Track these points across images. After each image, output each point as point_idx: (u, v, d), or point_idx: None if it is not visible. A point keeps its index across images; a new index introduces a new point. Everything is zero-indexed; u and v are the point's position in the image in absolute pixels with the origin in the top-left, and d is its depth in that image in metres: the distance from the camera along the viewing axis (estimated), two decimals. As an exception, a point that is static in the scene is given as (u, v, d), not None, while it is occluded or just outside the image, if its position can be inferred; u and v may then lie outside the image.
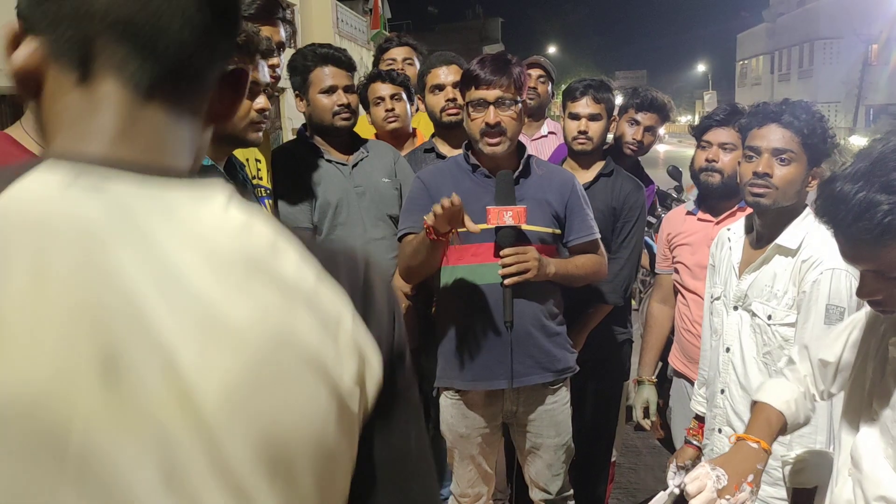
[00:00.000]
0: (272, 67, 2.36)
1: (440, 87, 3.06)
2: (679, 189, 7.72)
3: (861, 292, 1.39)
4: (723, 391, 2.23)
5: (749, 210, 2.23)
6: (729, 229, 2.35)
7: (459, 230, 2.25)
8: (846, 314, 1.90)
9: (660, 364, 3.21)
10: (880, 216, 1.24)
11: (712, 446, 2.28)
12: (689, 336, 2.82)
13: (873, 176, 1.26)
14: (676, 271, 2.92)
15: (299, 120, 2.95)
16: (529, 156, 2.56)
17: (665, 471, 3.01)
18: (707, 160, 2.74)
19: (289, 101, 2.77)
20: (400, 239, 2.52)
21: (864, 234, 1.27)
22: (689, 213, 2.91)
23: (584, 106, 2.94)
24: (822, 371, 1.69)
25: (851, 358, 1.61)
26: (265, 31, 2.34)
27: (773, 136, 2.05)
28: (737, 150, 2.60)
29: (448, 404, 2.58)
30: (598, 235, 2.58)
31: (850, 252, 1.36)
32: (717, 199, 2.77)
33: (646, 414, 3.05)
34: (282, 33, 2.45)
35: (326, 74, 2.72)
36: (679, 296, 2.91)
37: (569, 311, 2.63)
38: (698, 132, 2.83)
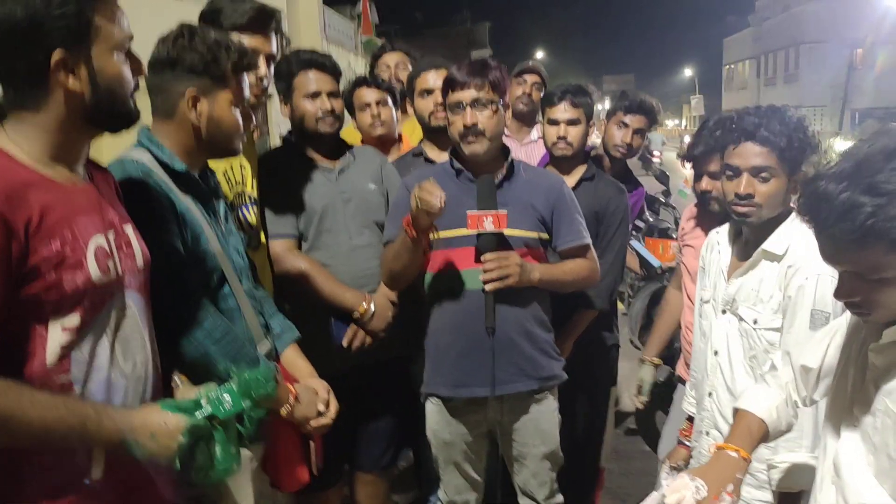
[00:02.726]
0: (259, 79, 2.36)
1: (429, 92, 3.05)
2: (667, 193, 7.76)
3: (839, 293, 1.39)
4: (710, 394, 2.23)
5: None
6: (717, 232, 2.34)
7: (440, 234, 2.24)
8: (831, 319, 1.90)
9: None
10: (863, 218, 1.23)
11: (700, 449, 2.28)
12: (684, 341, 2.83)
13: (858, 177, 1.25)
14: (682, 269, 2.91)
15: (287, 126, 2.93)
16: (514, 160, 2.55)
17: (654, 475, 3.02)
18: (703, 190, 2.73)
19: (276, 106, 2.76)
20: (385, 246, 2.51)
21: (845, 234, 1.26)
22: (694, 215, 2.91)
23: (562, 111, 2.94)
24: (804, 377, 1.69)
25: (833, 364, 1.61)
26: (255, 42, 2.34)
27: (750, 154, 2.04)
28: None
29: (433, 410, 2.57)
30: (589, 241, 2.57)
31: (831, 252, 1.35)
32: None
33: (639, 392, 3.05)
34: (273, 45, 2.43)
35: (310, 79, 2.70)
36: (684, 297, 2.88)
37: (554, 317, 2.61)
38: (688, 159, 2.81)
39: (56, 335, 1.38)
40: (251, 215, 2.45)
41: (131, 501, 1.54)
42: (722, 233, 2.31)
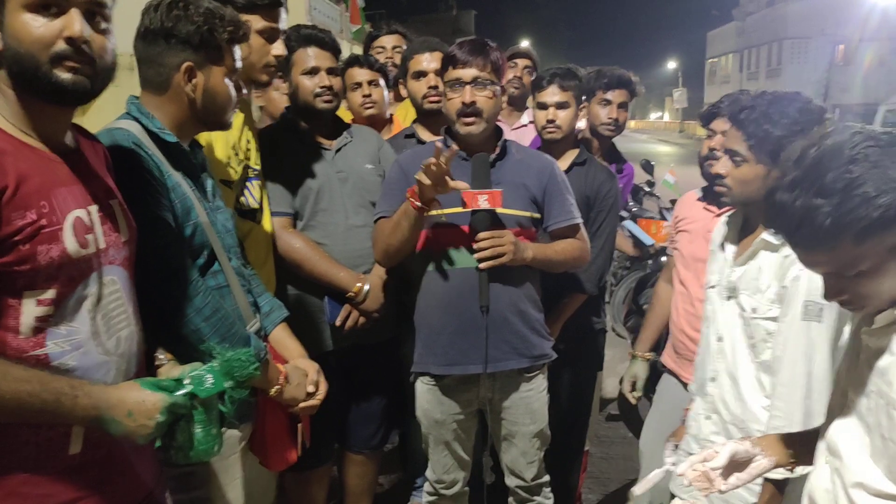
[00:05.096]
0: (277, 57, 2.33)
1: (422, 74, 3.04)
2: (651, 183, 7.78)
3: (827, 295, 1.41)
4: (713, 379, 2.24)
5: None
6: (727, 217, 2.34)
7: (445, 212, 2.25)
8: (825, 310, 1.92)
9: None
10: (822, 218, 1.26)
11: (698, 431, 2.29)
12: (675, 329, 2.82)
13: (808, 182, 1.28)
14: (675, 255, 2.90)
15: (271, 107, 2.90)
16: (507, 140, 2.56)
17: (635, 460, 3.04)
18: (710, 149, 2.71)
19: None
20: (376, 222, 2.51)
21: (809, 239, 1.30)
22: (698, 198, 2.88)
23: (551, 94, 2.93)
24: None
25: None
26: (271, 22, 2.29)
27: (730, 136, 2.08)
28: None
29: (424, 390, 2.57)
30: (580, 220, 2.58)
31: (804, 258, 1.37)
32: None
33: (633, 388, 3.06)
34: (284, 22, 2.39)
35: (309, 55, 2.68)
36: (676, 283, 2.87)
37: (544, 299, 2.63)
38: (705, 120, 2.81)
39: (30, 308, 1.34)
40: (255, 189, 2.44)
41: (112, 479, 1.51)
42: (730, 218, 2.32)
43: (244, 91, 1.98)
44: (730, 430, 2.17)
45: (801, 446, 1.65)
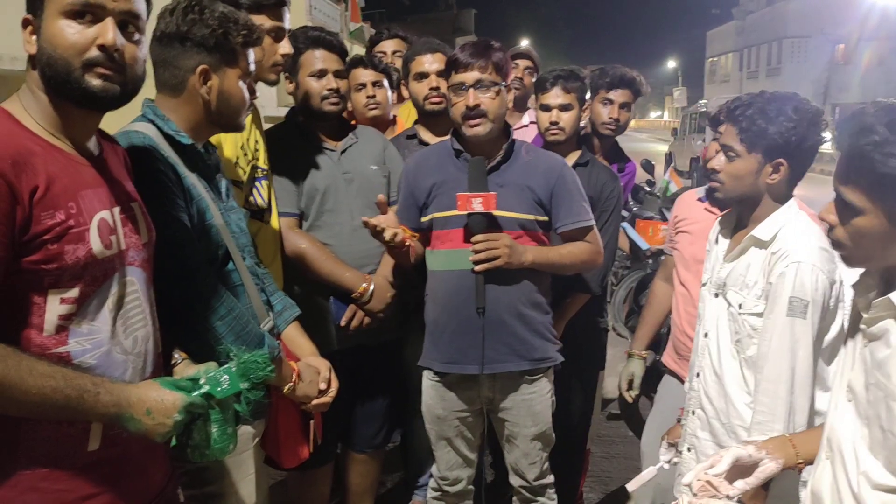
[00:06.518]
0: (284, 56, 2.35)
1: (424, 75, 3.04)
2: (651, 183, 7.81)
3: (826, 209, 1.48)
4: (698, 374, 2.27)
5: None
6: (722, 217, 2.36)
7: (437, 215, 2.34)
8: (809, 307, 1.94)
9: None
10: (864, 142, 1.33)
11: (687, 427, 2.31)
12: (676, 330, 2.82)
13: (893, 112, 1.34)
14: (675, 256, 2.90)
15: (270, 106, 2.90)
16: (515, 141, 2.56)
17: (636, 460, 3.06)
18: (717, 151, 2.72)
19: (260, 86, 2.64)
20: None
21: (847, 147, 1.38)
22: (699, 199, 2.88)
23: (555, 96, 2.94)
24: None
25: None
26: (277, 21, 2.32)
27: (726, 133, 2.13)
28: None
29: (429, 385, 2.60)
30: (591, 222, 2.57)
31: (839, 155, 1.43)
32: None
33: (630, 387, 3.07)
34: (286, 21, 2.41)
35: (317, 58, 2.69)
36: (677, 284, 2.87)
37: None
38: (713, 123, 2.82)
39: (54, 306, 1.37)
40: (264, 189, 2.46)
41: (127, 476, 1.53)
42: (724, 217, 2.34)
43: (257, 94, 2.00)
44: (713, 424, 2.19)
45: (808, 446, 1.66)
